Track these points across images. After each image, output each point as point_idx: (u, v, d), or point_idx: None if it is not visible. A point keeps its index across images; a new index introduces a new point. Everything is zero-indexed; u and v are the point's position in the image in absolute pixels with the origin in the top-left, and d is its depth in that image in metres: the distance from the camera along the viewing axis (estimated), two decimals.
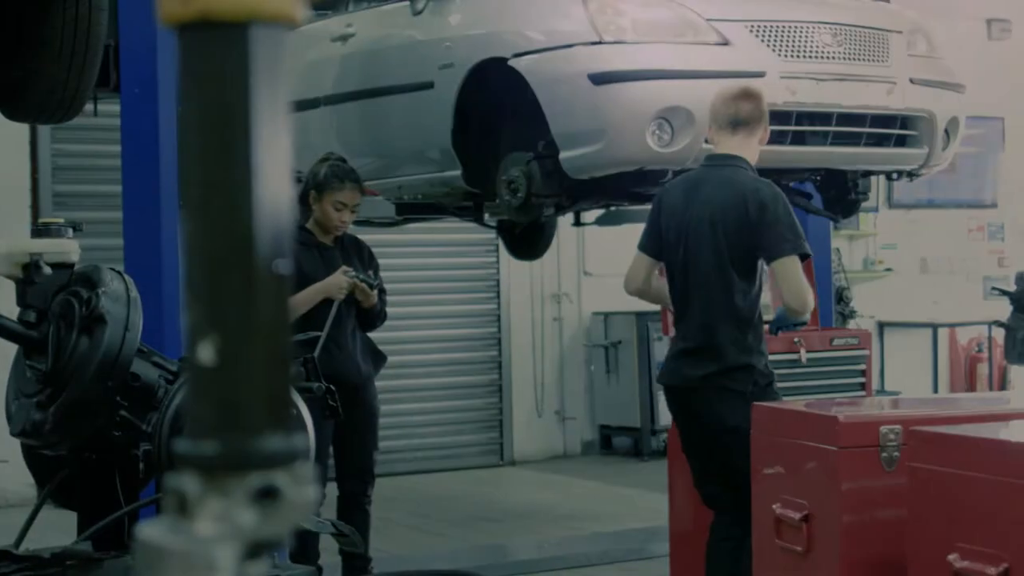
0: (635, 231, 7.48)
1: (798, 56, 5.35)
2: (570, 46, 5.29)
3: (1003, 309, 7.53)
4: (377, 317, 5.39)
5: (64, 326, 2.86)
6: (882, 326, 11.63)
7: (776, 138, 4.66)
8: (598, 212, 7.46)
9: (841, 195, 6.17)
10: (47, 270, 3.02)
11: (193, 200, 0.87)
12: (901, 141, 5.73)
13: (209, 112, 0.86)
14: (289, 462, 0.86)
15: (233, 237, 0.85)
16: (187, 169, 0.87)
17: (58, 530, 3.48)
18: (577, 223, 7.81)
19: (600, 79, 5.19)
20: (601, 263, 10.29)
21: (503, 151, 5.67)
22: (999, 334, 8.83)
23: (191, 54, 0.86)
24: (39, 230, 3.18)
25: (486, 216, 6.99)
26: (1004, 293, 7.47)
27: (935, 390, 11.44)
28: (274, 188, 0.86)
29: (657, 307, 5.57)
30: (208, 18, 0.84)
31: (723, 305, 4.40)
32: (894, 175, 6.14)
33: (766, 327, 4.60)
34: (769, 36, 5.33)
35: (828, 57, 5.40)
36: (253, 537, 0.84)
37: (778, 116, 5.00)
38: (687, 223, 4.47)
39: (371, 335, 5.46)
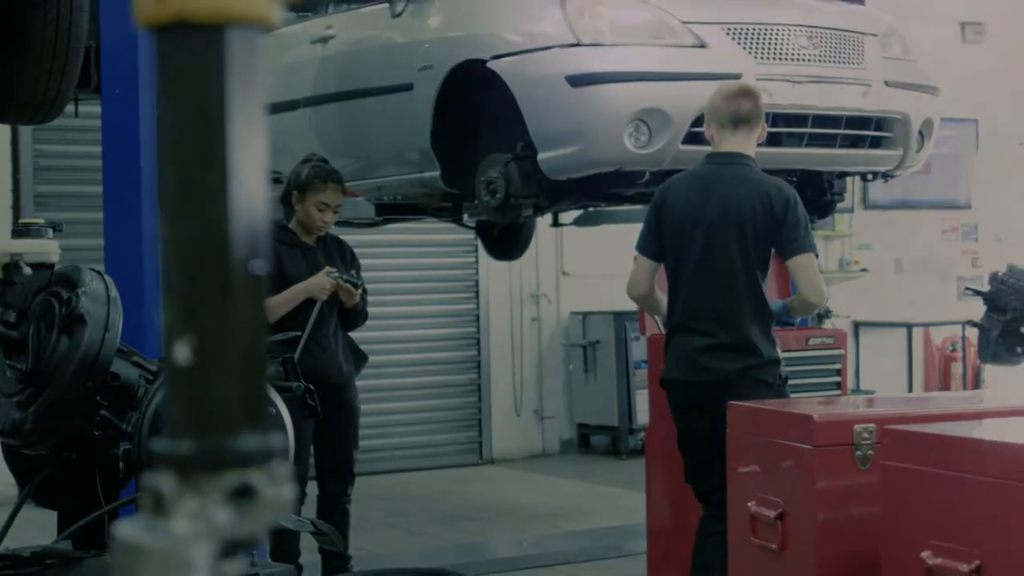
0: (613, 231, 7.54)
1: (774, 58, 5.38)
2: (548, 48, 5.30)
3: (977, 309, 7.55)
4: (359, 317, 5.40)
5: (44, 326, 2.86)
6: (857, 326, 11.69)
7: None
8: (576, 213, 7.48)
9: (817, 196, 6.19)
10: (27, 270, 3.02)
11: (169, 200, 0.87)
12: (876, 143, 5.76)
13: (185, 113, 0.86)
14: (265, 461, 0.86)
15: (209, 237, 0.85)
16: (163, 169, 0.87)
17: (39, 529, 3.49)
18: (555, 224, 7.83)
19: (578, 81, 5.20)
20: (579, 263, 10.33)
21: (482, 152, 5.68)
22: (973, 334, 8.86)
23: (167, 55, 0.86)
24: (20, 230, 3.18)
25: (465, 217, 7.00)
26: (978, 293, 7.49)
27: (909, 389, 11.50)
28: (250, 189, 0.86)
29: (635, 307, 5.56)
30: (184, 19, 0.85)
31: (751, 302, 4.46)
32: (869, 176, 6.17)
33: None
34: (745, 38, 5.36)
35: (803, 59, 5.43)
36: (229, 536, 0.84)
37: None
38: (704, 221, 4.48)
39: (352, 335, 5.48)
